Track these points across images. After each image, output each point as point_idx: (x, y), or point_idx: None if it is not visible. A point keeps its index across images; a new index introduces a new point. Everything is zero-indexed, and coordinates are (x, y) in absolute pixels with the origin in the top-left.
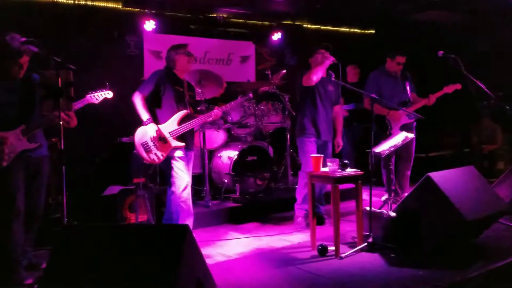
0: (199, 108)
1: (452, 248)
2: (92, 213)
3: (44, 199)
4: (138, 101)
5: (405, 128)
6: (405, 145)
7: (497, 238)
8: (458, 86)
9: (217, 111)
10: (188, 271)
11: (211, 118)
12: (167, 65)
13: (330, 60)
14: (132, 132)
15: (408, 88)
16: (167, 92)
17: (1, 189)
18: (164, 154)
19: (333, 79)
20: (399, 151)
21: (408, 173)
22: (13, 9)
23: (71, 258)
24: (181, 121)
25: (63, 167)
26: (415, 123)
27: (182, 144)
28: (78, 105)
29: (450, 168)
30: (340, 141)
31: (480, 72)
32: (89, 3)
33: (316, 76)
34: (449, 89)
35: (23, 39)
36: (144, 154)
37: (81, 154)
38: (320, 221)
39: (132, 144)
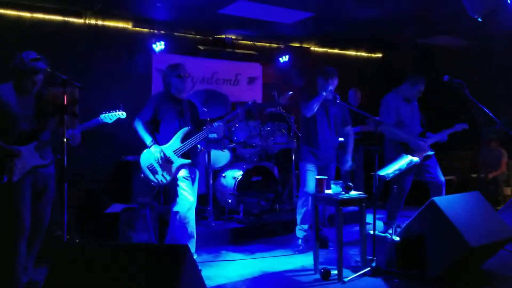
0: (204, 127)
1: (456, 274)
2: (94, 231)
3: (49, 216)
4: (139, 126)
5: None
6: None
7: (502, 265)
8: (466, 126)
9: (217, 124)
10: None
11: (213, 131)
12: (164, 86)
13: (327, 90)
14: (137, 151)
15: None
16: (167, 112)
17: (9, 204)
18: (170, 174)
19: (338, 101)
20: (425, 178)
21: None
22: (25, 28)
23: (69, 276)
24: (184, 139)
25: (65, 184)
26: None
27: (188, 161)
28: (91, 124)
29: (457, 193)
30: (348, 158)
31: (487, 97)
32: (100, 23)
33: (311, 111)
34: (459, 127)
35: (32, 56)
36: (151, 177)
37: (85, 172)
38: (324, 244)
39: (136, 163)
